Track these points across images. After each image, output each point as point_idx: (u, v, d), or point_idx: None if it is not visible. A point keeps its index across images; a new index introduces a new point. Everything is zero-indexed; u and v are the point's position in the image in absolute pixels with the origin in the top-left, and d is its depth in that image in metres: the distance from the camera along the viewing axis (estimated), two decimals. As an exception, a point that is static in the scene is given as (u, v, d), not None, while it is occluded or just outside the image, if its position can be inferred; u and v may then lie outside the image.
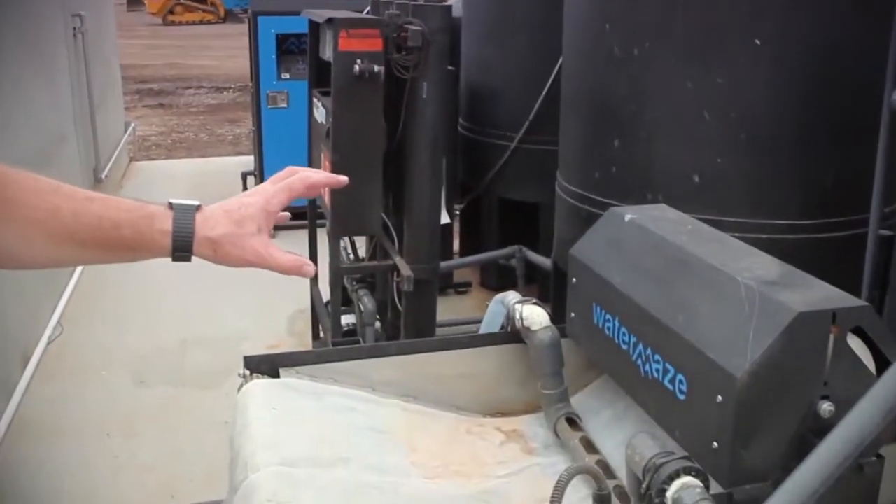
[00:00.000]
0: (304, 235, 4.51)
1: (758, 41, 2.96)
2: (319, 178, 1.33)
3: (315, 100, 3.67)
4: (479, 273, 5.69)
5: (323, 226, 4.01)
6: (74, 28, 6.18)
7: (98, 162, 6.86)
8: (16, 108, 4.48)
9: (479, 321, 4.50)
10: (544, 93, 4.80)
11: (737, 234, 2.45)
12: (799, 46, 2.98)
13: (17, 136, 4.46)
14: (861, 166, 2.99)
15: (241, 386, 1.88)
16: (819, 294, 1.52)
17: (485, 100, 5.32)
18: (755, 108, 3.04)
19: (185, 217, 1.17)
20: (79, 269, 5.59)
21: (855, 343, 1.48)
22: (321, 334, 4.14)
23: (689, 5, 3.06)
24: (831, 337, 1.43)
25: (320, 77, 3.67)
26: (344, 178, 1.30)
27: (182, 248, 1.16)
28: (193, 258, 1.20)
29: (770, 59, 2.98)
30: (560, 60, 4.18)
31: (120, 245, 1.14)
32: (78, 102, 6.21)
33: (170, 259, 1.17)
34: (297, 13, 5.93)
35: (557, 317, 2.16)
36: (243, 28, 19.88)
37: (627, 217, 2.05)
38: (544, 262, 4.47)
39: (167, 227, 1.16)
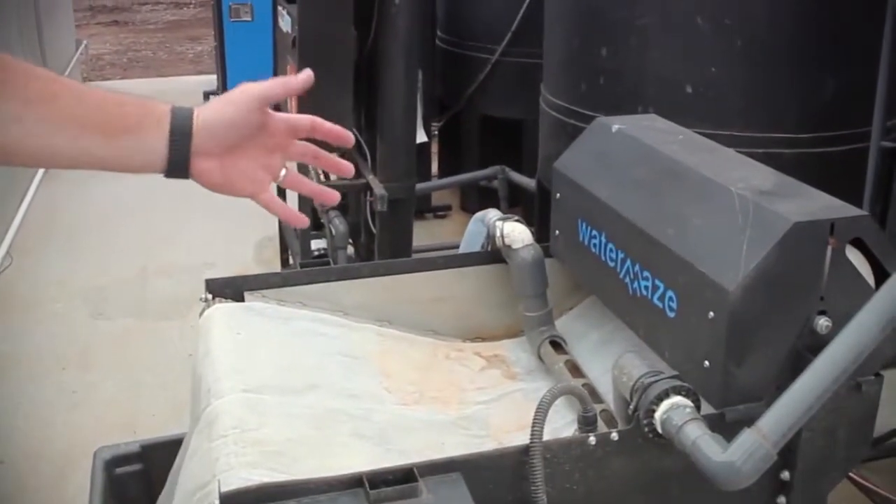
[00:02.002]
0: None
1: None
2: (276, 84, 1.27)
3: (280, 8, 3.62)
4: (460, 195, 5.69)
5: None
6: (18, -67, 6.04)
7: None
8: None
9: (459, 246, 4.52)
10: (527, 1, 4.74)
11: (732, 148, 2.44)
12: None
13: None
14: (863, 77, 2.98)
15: (203, 310, 1.87)
16: (817, 204, 1.51)
17: (464, 8, 5.28)
18: (751, 13, 3.01)
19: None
20: (29, 194, 5.54)
21: (854, 255, 1.48)
22: (290, 261, 4.14)
23: None
24: (829, 248, 1.43)
25: (286, -17, 3.60)
26: (304, 76, 1.24)
27: (181, 130, 1.12)
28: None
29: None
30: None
31: (121, 126, 1.10)
32: (22, 18, 6.09)
33: (167, 152, 1.12)
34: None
35: (542, 238, 2.15)
36: None
37: (615, 128, 2.04)
38: (528, 182, 4.46)
39: (167, 107, 1.13)
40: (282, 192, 2.34)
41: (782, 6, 3.00)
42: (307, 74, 1.23)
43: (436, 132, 5.62)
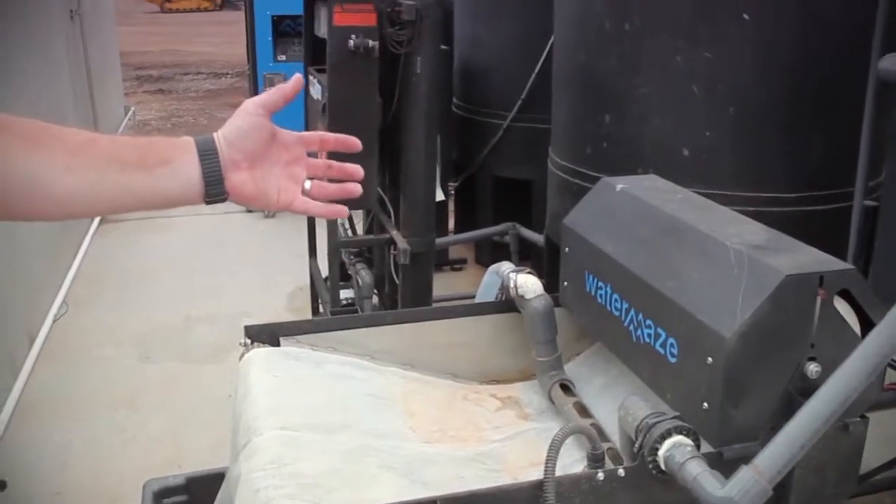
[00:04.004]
0: (302, 211, 4.51)
1: (746, 16, 2.95)
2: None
3: (311, 77, 3.65)
4: (474, 250, 5.70)
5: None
6: (71, 10, 6.13)
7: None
8: (11, 88, 4.44)
9: (475, 296, 4.52)
10: (536, 71, 4.80)
11: (725, 206, 2.45)
12: (786, 22, 2.97)
13: (18, 114, 4.42)
14: (846, 140, 2.99)
15: (243, 354, 1.88)
16: (806, 258, 1.52)
17: (478, 79, 5.31)
18: (743, 82, 3.03)
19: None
20: (82, 248, 5.58)
21: (841, 306, 1.48)
22: (321, 309, 4.14)
23: (678, -20, 3.05)
24: (818, 299, 1.44)
25: (316, 55, 3.65)
26: (294, 81, 1.25)
27: (207, 148, 1.12)
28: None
29: (757, 34, 2.97)
30: (552, 38, 4.17)
31: (156, 158, 1.10)
32: (76, 85, 6.17)
33: (200, 172, 1.12)
34: (293, -5, 5.96)
35: (550, 289, 2.16)
36: (240, 15, 19.75)
37: (619, 187, 2.05)
38: (537, 238, 4.47)
39: (189, 138, 1.14)
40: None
41: (771, 77, 3.02)
42: (297, 79, 1.24)
43: (452, 191, 5.64)
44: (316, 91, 3.45)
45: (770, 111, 3.05)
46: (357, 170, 1.31)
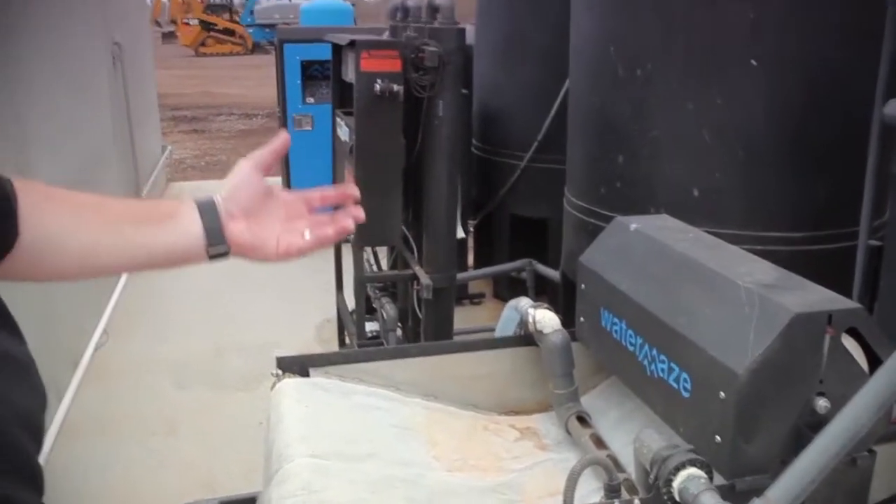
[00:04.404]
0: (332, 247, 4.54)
1: (754, 62, 2.96)
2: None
3: (338, 119, 3.68)
4: (492, 284, 5.69)
5: (347, 239, 4.04)
6: (114, 55, 6.23)
7: (137, 182, 6.90)
8: (59, 128, 4.51)
9: (493, 329, 4.51)
10: (552, 114, 4.81)
11: (734, 245, 2.44)
12: (793, 67, 2.98)
13: (61, 155, 4.50)
14: (851, 181, 2.99)
15: (274, 384, 1.89)
16: (815, 296, 1.51)
17: (496, 122, 5.34)
18: (751, 126, 3.04)
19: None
20: (122, 281, 5.62)
21: (849, 343, 1.47)
22: (347, 341, 4.14)
23: (689, 29, 3.07)
24: (827, 337, 1.43)
25: (343, 98, 3.69)
26: (282, 139, 1.26)
27: (207, 204, 1.15)
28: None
29: (766, 79, 2.98)
30: (567, 83, 4.19)
31: (163, 213, 1.14)
32: (117, 125, 6.25)
33: (201, 224, 1.14)
34: (320, 41, 6.02)
35: (567, 323, 2.15)
36: (270, 59, 19.96)
37: (632, 226, 2.05)
38: (553, 274, 4.47)
39: (191, 199, 1.17)
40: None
41: (778, 121, 3.03)
42: (284, 138, 1.25)
43: (472, 229, 5.66)
44: (343, 133, 3.48)
45: (777, 153, 3.05)
46: (353, 190, 1.31)
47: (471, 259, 5.79)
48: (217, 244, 1.15)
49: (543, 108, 4.86)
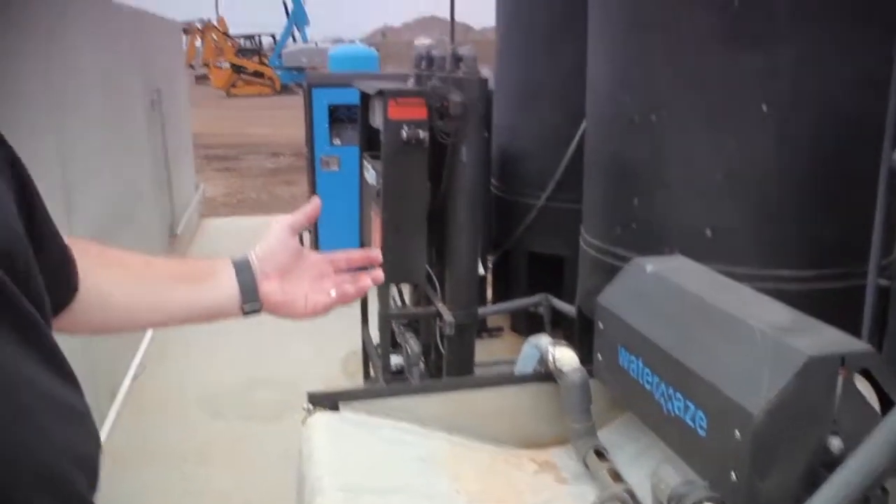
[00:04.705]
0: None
1: (765, 108, 2.98)
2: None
3: (366, 162, 3.71)
4: (510, 318, 5.68)
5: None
6: (153, 100, 6.34)
7: (173, 218, 6.97)
8: (103, 169, 4.59)
9: (511, 362, 4.49)
10: (568, 156, 4.84)
11: (746, 284, 2.43)
12: (803, 114, 2.99)
13: (104, 193, 4.57)
14: (860, 222, 2.97)
15: (306, 418, 1.90)
16: (828, 339, 1.51)
17: (514, 162, 5.36)
18: (763, 168, 3.04)
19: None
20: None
21: (861, 384, 1.47)
22: (372, 373, 4.14)
23: (701, 76, 3.08)
24: (840, 379, 1.43)
25: (370, 142, 3.71)
26: (314, 205, 1.31)
27: (243, 263, 1.20)
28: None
29: (776, 124, 2.99)
30: (582, 126, 4.22)
31: (202, 273, 1.19)
32: (155, 165, 6.34)
33: (237, 284, 1.19)
34: (347, 86, 6.08)
35: (582, 355, 2.16)
36: (296, 100, 20.10)
37: (649, 268, 2.05)
38: (569, 308, 4.46)
39: (229, 258, 1.22)
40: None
41: (789, 164, 3.03)
42: (316, 204, 1.30)
43: (490, 265, 5.66)
44: (371, 176, 3.50)
45: (788, 195, 3.05)
46: (377, 255, 1.37)
47: (490, 293, 5.79)
48: (251, 301, 1.20)
49: (559, 150, 4.88)
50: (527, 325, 5.31)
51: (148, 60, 6.28)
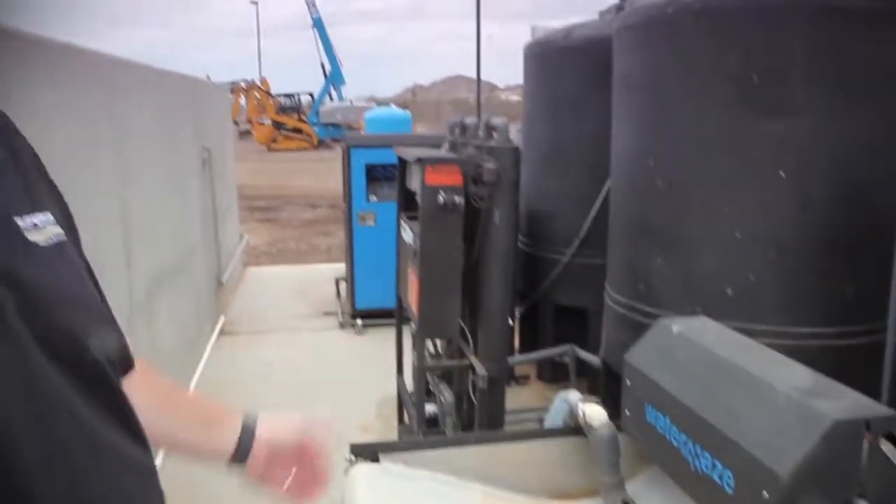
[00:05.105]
0: (390, 332, 4.56)
1: (782, 174, 2.98)
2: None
3: (403, 223, 3.74)
4: (536, 367, 5.65)
5: (406, 322, 4.07)
6: (203, 158, 6.46)
7: (220, 268, 7.03)
8: (159, 224, 4.67)
9: (537, 409, 4.47)
10: (592, 215, 4.85)
11: (766, 340, 2.41)
12: (819, 178, 3.00)
13: (159, 247, 4.65)
14: (878, 280, 2.95)
15: (348, 469, 1.91)
16: (852, 403, 1.49)
17: (541, 220, 5.38)
18: (781, 230, 3.04)
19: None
20: (204, 357, 5.70)
21: (886, 447, 1.45)
22: (406, 420, 4.12)
23: (721, 144, 3.10)
24: (865, 442, 1.41)
25: (407, 203, 3.75)
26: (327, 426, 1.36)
27: (249, 429, 1.27)
28: None
29: (794, 188, 3.00)
30: (606, 185, 4.24)
31: (216, 419, 1.27)
32: (204, 218, 6.43)
33: (237, 441, 1.26)
34: (383, 147, 6.19)
35: (607, 407, 2.15)
36: (332, 154, 20.14)
37: (675, 328, 2.05)
38: (593, 359, 4.43)
39: (239, 412, 1.29)
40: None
41: (807, 225, 3.02)
42: (329, 424, 1.35)
43: (518, 316, 5.65)
44: (408, 235, 3.53)
45: (807, 254, 3.04)
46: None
47: (517, 343, 5.76)
48: (239, 462, 1.26)
49: (584, 208, 4.90)
50: (552, 373, 5.29)
51: (200, 123, 6.43)
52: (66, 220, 0.86)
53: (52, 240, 0.78)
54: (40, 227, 0.77)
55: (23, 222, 0.75)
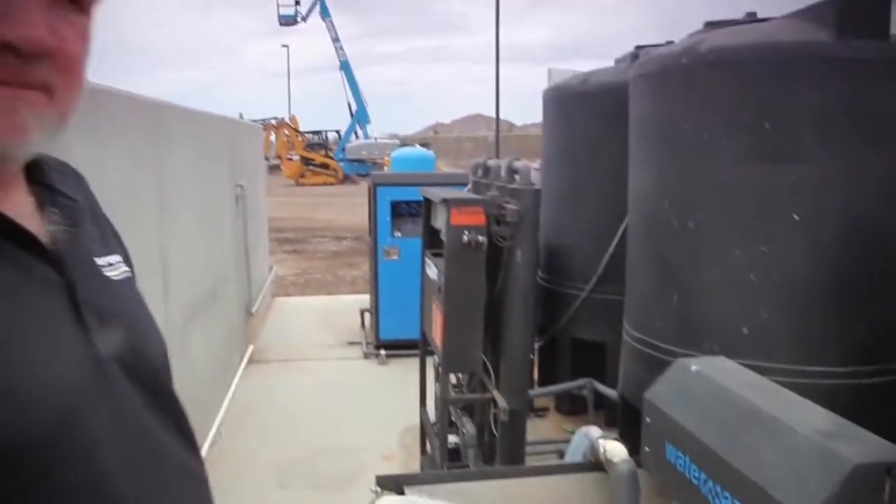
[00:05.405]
0: (412, 362, 4.56)
1: (796, 216, 2.97)
2: None
3: (428, 260, 3.75)
4: (555, 399, 5.60)
5: (429, 354, 4.07)
6: (237, 195, 6.53)
7: (250, 298, 7.07)
8: (194, 256, 4.72)
9: (556, 441, 4.43)
10: (610, 251, 4.83)
11: (780, 378, 2.39)
12: (832, 222, 2.98)
13: (194, 278, 4.69)
14: (889, 321, 2.92)
15: (373, 500, 1.90)
16: (872, 447, 1.47)
17: (559, 256, 5.37)
18: (794, 271, 3.02)
19: None
20: (233, 385, 5.71)
21: (904, 490, 1.42)
22: (428, 450, 4.10)
23: (736, 188, 3.10)
24: (887, 486, 1.39)
25: (432, 241, 3.77)
26: None
27: None
28: None
29: (806, 231, 2.98)
30: (624, 223, 4.23)
31: None
32: (236, 251, 6.48)
33: None
34: (408, 185, 6.23)
35: (624, 440, 2.12)
36: (357, 189, 20.20)
37: (693, 368, 2.03)
38: (611, 392, 4.40)
39: None
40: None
41: (820, 267, 3.00)
42: None
43: (537, 349, 5.62)
44: (432, 272, 3.54)
45: (819, 295, 3.01)
46: None
47: (536, 375, 5.72)
48: None
49: (602, 245, 4.88)
50: (570, 406, 5.24)
51: (235, 160, 6.51)
52: (126, 260, 0.95)
53: (121, 276, 0.90)
54: (113, 266, 0.89)
55: (101, 261, 0.87)
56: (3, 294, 0.70)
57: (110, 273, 0.87)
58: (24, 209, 0.77)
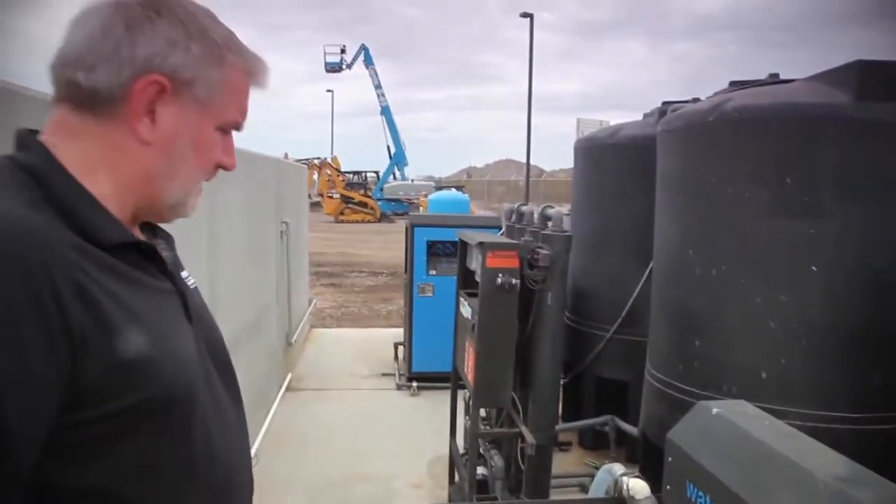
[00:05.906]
0: (442, 394, 4.56)
1: (814, 268, 2.97)
2: None
3: (462, 299, 3.78)
4: (578, 434, 5.56)
5: (460, 388, 4.08)
6: (282, 231, 6.64)
7: (290, 328, 7.14)
8: (240, 289, 4.80)
9: (579, 475, 4.40)
10: (634, 295, 4.83)
11: (797, 422, 2.38)
12: (849, 274, 2.97)
13: (240, 309, 4.77)
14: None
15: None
16: (888, 492, 1.47)
17: (586, 298, 5.38)
18: (813, 320, 3.01)
19: None
20: (271, 412, 5.76)
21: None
22: (456, 480, 4.09)
23: (757, 239, 3.11)
24: (900, 534, 1.38)
25: (466, 281, 3.80)
26: None
27: None
28: None
29: (824, 282, 2.98)
30: (648, 268, 4.24)
31: None
32: (279, 284, 6.57)
33: None
34: (444, 226, 6.29)
35: (645, 476, 2.12)
36: (393, 227, 20.27)
37: (714, 411, 2.04)
38: (632, 430, 4.37)
39: None
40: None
41: (837, 315, 2.99)
42: None
43: (562, 386, 5.59)
44: (466, 311, 3.57)
45: (837, 343, 2.99)
46: None
47: (560, 411, 5.69)
48: None
49: (627, 288, 4.88)
50: (593, 441, 5.20)
51: (281, 198, 6.64)
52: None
53: (194, 285, 1.16)
54: (188, 277, 1.14)
55: (184, 273, 1.13)
56: (154, 291, 0.98)
57: (190, 283, 1.13)
58: (144, 240, 1.04)
